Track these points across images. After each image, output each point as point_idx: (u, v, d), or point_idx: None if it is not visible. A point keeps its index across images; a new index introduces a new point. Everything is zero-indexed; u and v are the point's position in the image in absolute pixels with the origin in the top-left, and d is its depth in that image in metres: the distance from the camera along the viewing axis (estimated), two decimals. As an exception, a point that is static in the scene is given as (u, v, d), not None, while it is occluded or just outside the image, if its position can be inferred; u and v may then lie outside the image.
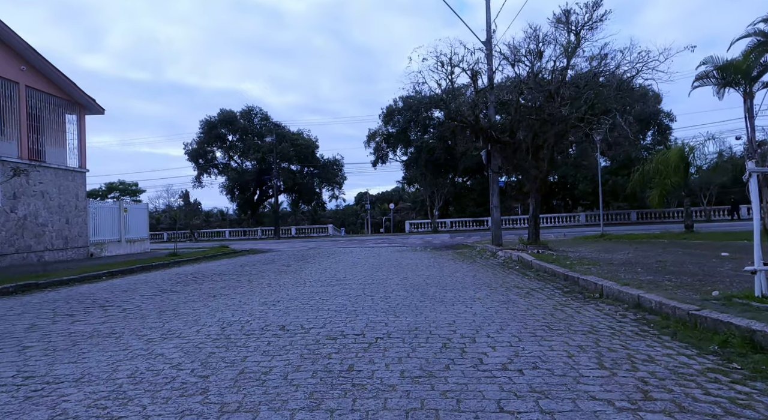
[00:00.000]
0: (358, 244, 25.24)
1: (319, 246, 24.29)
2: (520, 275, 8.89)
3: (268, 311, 5.65)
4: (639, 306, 5.35)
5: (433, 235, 33.77)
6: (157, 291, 8.07)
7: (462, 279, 8.44)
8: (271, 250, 22.71)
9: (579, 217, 36.51)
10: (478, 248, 16.25)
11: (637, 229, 25.91)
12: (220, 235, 44.65)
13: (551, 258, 10.22)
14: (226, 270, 11.72)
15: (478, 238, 24.38)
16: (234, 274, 10.44)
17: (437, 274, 9.18)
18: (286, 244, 28.11)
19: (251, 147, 43.74)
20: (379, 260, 13.10)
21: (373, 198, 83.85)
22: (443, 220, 40.23)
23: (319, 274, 9.69)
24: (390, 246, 21.96)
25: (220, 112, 44.83)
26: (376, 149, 43.31)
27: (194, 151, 45.14)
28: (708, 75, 13.53)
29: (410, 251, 17.26)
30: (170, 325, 5.07)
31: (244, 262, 14.63)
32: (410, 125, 41.11)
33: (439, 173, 39.45)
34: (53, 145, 16.98)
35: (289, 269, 11.17)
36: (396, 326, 4.65)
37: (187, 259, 15.63)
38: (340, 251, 18.38)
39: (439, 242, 23.86)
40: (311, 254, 17.02)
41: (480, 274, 9.23)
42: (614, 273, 7.50)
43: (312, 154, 46.20)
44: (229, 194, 46.37)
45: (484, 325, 4.60)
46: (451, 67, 13.49)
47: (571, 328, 4.47)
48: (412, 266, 11.04)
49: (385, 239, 29.56)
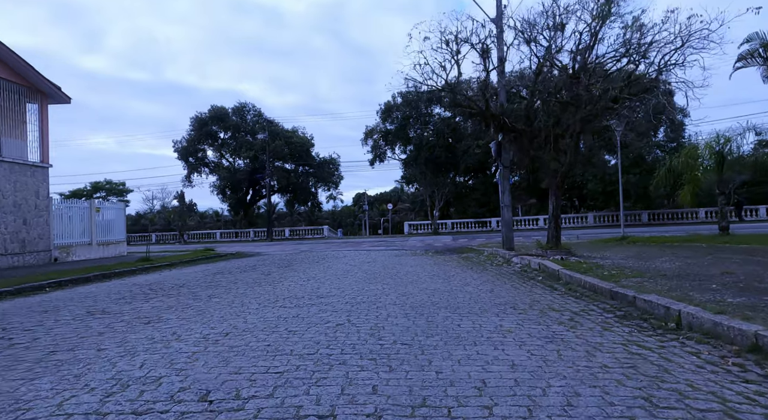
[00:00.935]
0: (354, 246, 23.43)
1: (311, 249, 22.48)
2: (548, 289, 7.09)
3: (201, 356, 3.82)
4: (760, 350, 3.54)
5: (433, 236, 31.97)
6: (85, 312, 6.24)
7: (477, 295, 6.63)
8: (258, 253, 20.91)
9: (587, 218, 34.71)
10: (487, 253, 14.45)
11: (656, 230, 24.09)
12: (211, 236, 42.80)
13: (581, 267, 8.42)
14: (193, 280, 9.89)
15: (483, 241, 22.58)
16: (198, 286, 8.63)
17: (444, 288, 7.37)
18: (277, 247, 26.29)
19: (243, 145, 41.88)
20: (373, 267, 11.30)
21: (372, 199, 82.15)
22: (444, 221, 38.44)
23: (299, 288, 7.88)
24: (387, 249, 20.17)
25: (211, 109, 42.95)
26: (373, 147, 41.51)
27: (184, 149, 43.24)
28: (753, 54, 11.71)
29: (410, 256, 15.45)
30: (23, 390, 3.25)
31: (221, 268, 12.81)
32: (409, 122, 39.34)
33: (439, 172, 37.66)
34: (10, 137, 15.12)
35: (266, 279, 9.36)
36: (390, 395, 2.83)
37: (158, 265, 13.81)
38: (332, 256, 16.56)
39: (440, 245, 22.06)
40: (299, 259, 15.21)
41: (498, 287, 7.42)
42: (680, 290, 5.69)
43: (307, 153, 44.34)
44: (220, 194, 44.47)
45: (536, 394, 2.79)
46: (457, 46, 11.67)
47: (684, 400, 2.66)
48: (412, 276, 9.24)
49: (383, 241, 27.75)
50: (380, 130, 40.39)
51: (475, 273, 9.62)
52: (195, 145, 43.19)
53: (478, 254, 14.74)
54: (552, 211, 10.68)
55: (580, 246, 14.15)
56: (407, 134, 39.75)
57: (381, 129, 40.43)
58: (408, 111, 38.55)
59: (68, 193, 43.40)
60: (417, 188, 42.05)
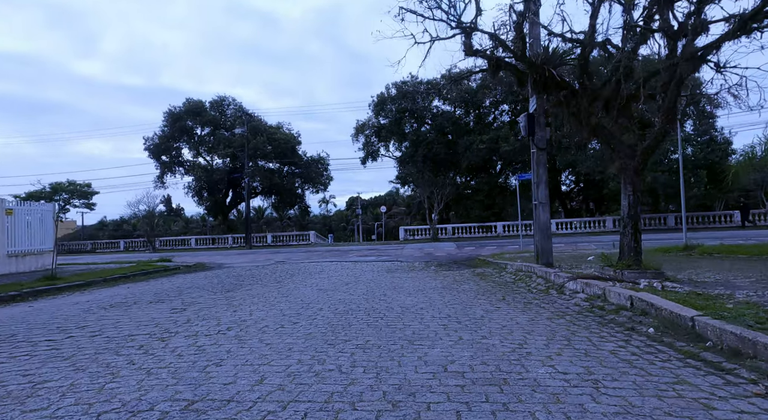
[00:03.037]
0: (339, 256, 19.48)
1: (288, 259, 18.51)
2: (682, 361, 3.25)
3: None
4: None
5: (432, 244, 28.04)
6: None
7: (561, 390, 2.72)
8: (220, 265, 16.98)
9: (605, 222, 30.88)
10: (511, 268, 10.55)
11: (704, 237, 20.40)
12: (185, 243, 38.66)
13: (719, 306, 4.55)
14: (47, 323, 5.93)
15: (494, 250, 18.66)
16: (36, 339, 4.67)
17: (481, 360, 3.48)
18: (249, 257, 22.29)
19: (222, 142, 37.84)
20: (352, 295, 7.37)
21: (366, 203, 78.36)
22: (443, 226, 34.52)
23: (193, 355, 3.95)
24: (378, 260, 16.23)
25: (186, 102, 38.87)
26: (365, 145, 37.64)
27: (156, 146, 39.09)
28: None
29: (406, 271, 11.54)
30: None
31: (135, 293, 8.85)
32: (405, 116, 35.53)
33: (438, 171, 33.79)
34: None
35: (154, 334, 5.43)
36: None
37: (60, 288, 9.86)
38: (305, 271, 12.61)
39: (443, 255, 18.14)
40: (257, 277, 11.26)
41: (592, 362, 3.50)
42: None
43: (293, 151, 40.31)
44: (196, 196, 40.29)
45: None
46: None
47: None
48: (412, 316, 5.35)
49: (374, 250, 23.78)
50: (373, 125, 36.56)
51: (517, 310, 5.71)
52: (168, 142, 39.06)
53: (499, 271, 10.83)
54: (628, 210, 6.81)
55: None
56: (402, 129, 35.95)
57: (374, 124, 36.60)
58: (404, 103, 34.76)
59: (24, 195, 39.15)
60: (414, 189, 38.11)
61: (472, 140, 32.38)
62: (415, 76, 34.86)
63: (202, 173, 38.44)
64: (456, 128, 34.68)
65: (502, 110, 36.26)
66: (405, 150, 35.80)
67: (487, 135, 32.27)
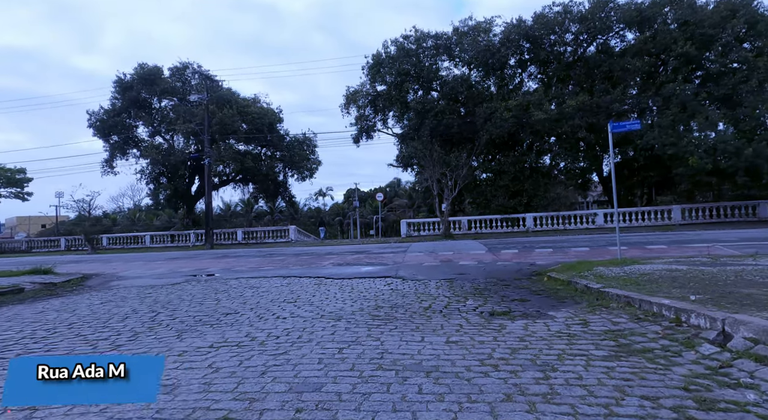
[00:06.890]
0: (306, 265, 12.29)
1: (225, 270, 11.31)
2: None
3: None
4: None
5: (446, 242, 20.81)
6: None
7: None
8: (114, 276, 9.95)
9: (671, 212, 23.54)
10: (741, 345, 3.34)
11: None
12: (139, 241, 31.58)
13: None
14: None
15: (555, 255, 11.37)
16: None
17: None
18: (181, 262, 15.17)
19: (182, 116, 30.57)
20: None
21: (365, 195, 71.23)
22: (457, 218, 27.25)
23: None
24: (362, 276, 8.92)
25: (138, 67, 31.56)
26: (358, 119, 30.33)
27: (103, 122, 31.86)
28: None
29: (413, 315, 4.20)
30: None
31: None
32: (407, 81, 28.19)
33: (450, 149, 26.51)
34: None
35: None
36: None
37: None
38: (196, 312, 5.39)
39: (472, 264, 10.82)
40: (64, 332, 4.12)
41: None
42: None
43: (270, 128, 33.03)
44: (152, 183, 33.12)
45: None
46: None
47: None
48: None
49: (365, 251, 16.51)
50: (367, 93, 29.23)
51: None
52: (118, 117, 31.82)
53: (673, 338, 3.64)
54: None
55: None
56: (405, 98, 28.63)
57: (368, 91, 29.27)
58: (406, 65, 27.43)
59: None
60: (419, 172, 30.81)
61: (494, 108, 25.08)
62: (419, 30, 27.62)
63: (158, 155, 31.17)
64: (471, 95, 27.36)
65: (531, 73, 28.93)
66: (408, 122, 28.53)
67: (514, 101, 24.96)
